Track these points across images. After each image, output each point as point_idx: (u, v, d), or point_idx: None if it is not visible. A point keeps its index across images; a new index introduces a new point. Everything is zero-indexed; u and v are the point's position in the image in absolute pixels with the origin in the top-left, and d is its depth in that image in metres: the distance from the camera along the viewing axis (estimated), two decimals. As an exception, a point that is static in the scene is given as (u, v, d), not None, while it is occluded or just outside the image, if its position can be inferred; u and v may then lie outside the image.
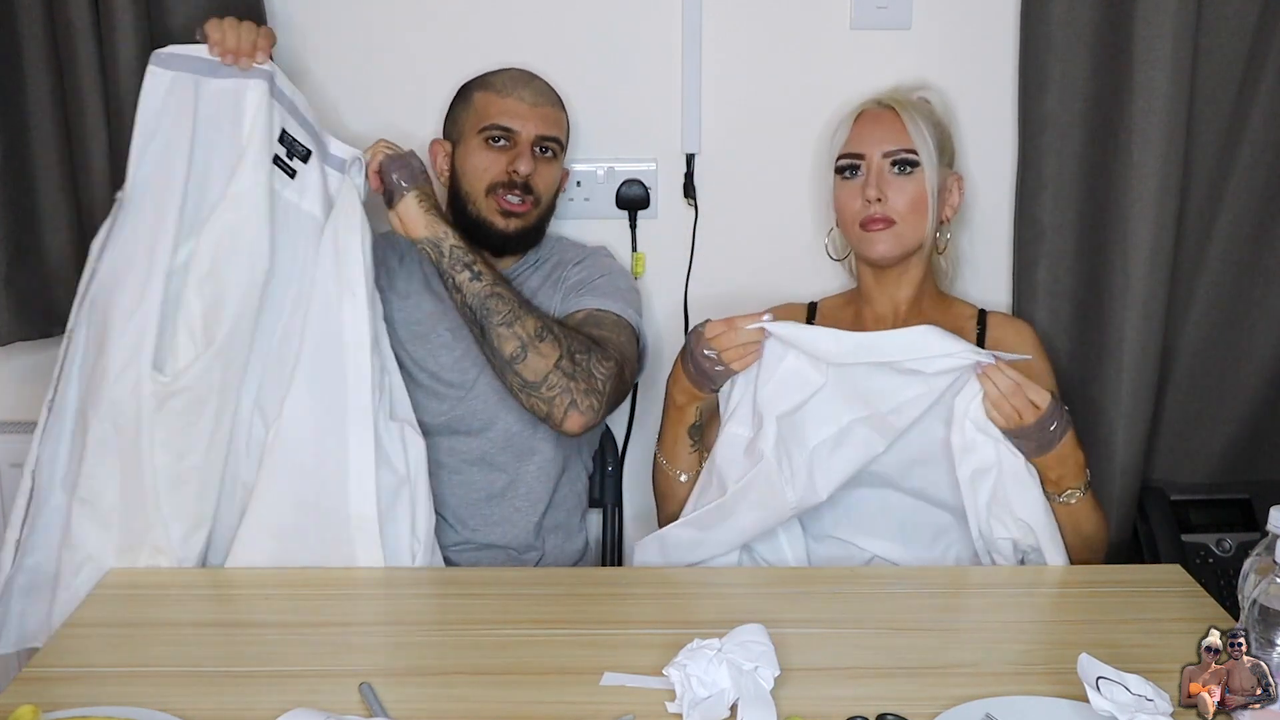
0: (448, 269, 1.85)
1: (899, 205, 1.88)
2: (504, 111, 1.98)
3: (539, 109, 2.00)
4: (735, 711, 1.30)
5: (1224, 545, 2.11)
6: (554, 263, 2.07)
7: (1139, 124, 1.97)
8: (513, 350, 1.83)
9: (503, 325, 1.83)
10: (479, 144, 1.97)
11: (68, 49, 1.98)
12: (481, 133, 1.97)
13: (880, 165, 1.89)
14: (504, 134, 1.97)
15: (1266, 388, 2.15)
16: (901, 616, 1.58)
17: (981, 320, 1.96)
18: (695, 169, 2.21)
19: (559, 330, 1.86)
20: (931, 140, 1.90)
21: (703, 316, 2.23)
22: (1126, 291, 2.02)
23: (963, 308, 2.00)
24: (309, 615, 1.60)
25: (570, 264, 2.05)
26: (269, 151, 1.75)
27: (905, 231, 1.89)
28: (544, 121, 2.00)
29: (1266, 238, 2.10)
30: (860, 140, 1.92)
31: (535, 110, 1.99)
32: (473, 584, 1.72)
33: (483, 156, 1.97)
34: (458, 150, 2.01)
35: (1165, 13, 1.93)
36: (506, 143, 1.97)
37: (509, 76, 2.02)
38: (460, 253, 1.84)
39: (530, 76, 2.04)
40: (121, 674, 1.43)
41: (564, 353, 1.84)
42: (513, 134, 1.97)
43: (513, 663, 1.46)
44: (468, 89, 2.04)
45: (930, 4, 2.15)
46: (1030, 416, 1.64)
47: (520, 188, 1.96)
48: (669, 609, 1.63)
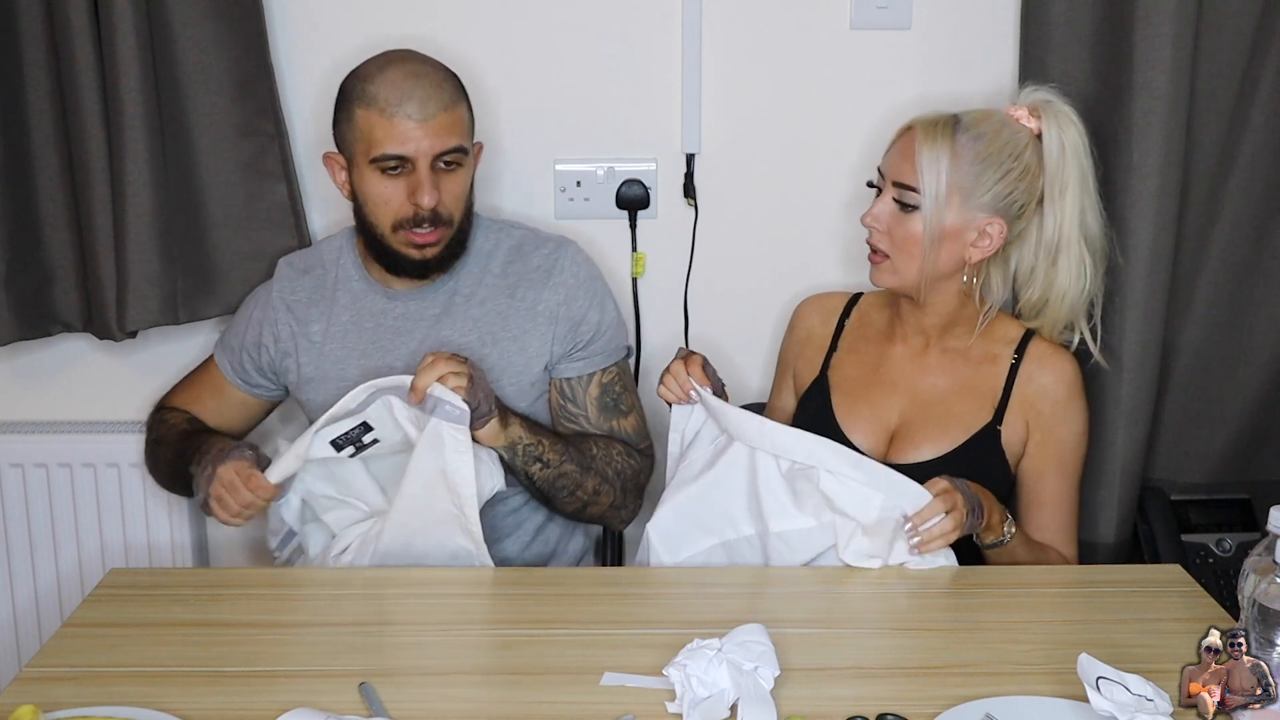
0: (521, 467, 1.84)
1: (893, 238, 1.81)
2: (392, 137, 1.80)
3: (429, 123, 1.80)
4: (735, 711, 1.30)
5: (1224, 545, 2.11)
6: (504, 258, 1.97)
7: (1139, 124, 1.97)
8: (574, 508, 1.93)
9: (566, 495, 1.89)
10: (373, 173, 1.83)
11: (67, 50, 1.98)
12: (374, 162, 1.81)
13: (889, 193, 1.82)
14: (398, 162, 1.81)
15: (1266, 388, 2.15)
16: (901, 616, 1.58)
17: (1021, 348, 1.87)
18: (695, 169, 2.21)
19: (613, 474, 1.92)
20: (948, 179, 1.76)
21: (703, 316, 2.26)
22: (1126, 291, 2.02)
23: (1006, 329, 1.89)
24: (309, 615, 1.60)
25: (539, 266, 1.95)
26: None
27: (900, 268, 1.82)
28: (439, 135, 1.81)
29: (1266, 238, 2.10)
30: (886, 156, 1.84)
31: (426, 127, 1.80)
32: (473, 584, 1.71)
33: (380, 187, 1.83)
34: (352, 170, 1.87)
35: (1165, 13, 1.93)
36: (403, 170, 1.82)
37: (390, 86, 1.80)
38: (531, 448, 1.83)
39: (413, 75, 1.82)
40: (121, 674, 1.43)
41: (618, 492, 1.94)
42: (407, 160, 1.81)
43: (513, 663, 1.46)
44: (348, 100, 1.84)
45: (930, 4, 2.15)
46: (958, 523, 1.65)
47: (428, 219, 1.84)
48: (669, 609, 1.63)
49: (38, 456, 2.21)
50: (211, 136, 2.08)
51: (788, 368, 2.03)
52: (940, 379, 1.89)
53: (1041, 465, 1.85)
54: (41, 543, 2.26)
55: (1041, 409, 1.84)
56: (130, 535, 2.24)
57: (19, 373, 2.26)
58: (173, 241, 2.08)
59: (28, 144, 2.06)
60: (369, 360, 1.93)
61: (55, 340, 2.22)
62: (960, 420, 1.85)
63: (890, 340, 1.94)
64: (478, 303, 1.94)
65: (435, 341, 1.92)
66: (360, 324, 1.95)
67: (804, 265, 2.22)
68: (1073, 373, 1.87)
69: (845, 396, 1.91)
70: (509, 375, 1.91)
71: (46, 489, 2.23)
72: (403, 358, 1.92)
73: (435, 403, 1.70)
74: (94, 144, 2.01)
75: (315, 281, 1.99)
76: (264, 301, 2.01)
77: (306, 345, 1.96)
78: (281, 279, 2.01)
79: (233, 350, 2.02)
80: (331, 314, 1.96)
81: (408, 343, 1.93)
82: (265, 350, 1.99)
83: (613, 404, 1.98)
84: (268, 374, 2.01)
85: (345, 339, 1.95)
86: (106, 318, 2.09)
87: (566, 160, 2.20)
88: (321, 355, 1.95)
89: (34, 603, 2.28)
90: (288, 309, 1.98)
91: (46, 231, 2.11)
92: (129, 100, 1.98)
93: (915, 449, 1.85)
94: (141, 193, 2.01)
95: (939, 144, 1.77)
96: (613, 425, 1.98)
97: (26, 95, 2.05)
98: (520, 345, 1.92)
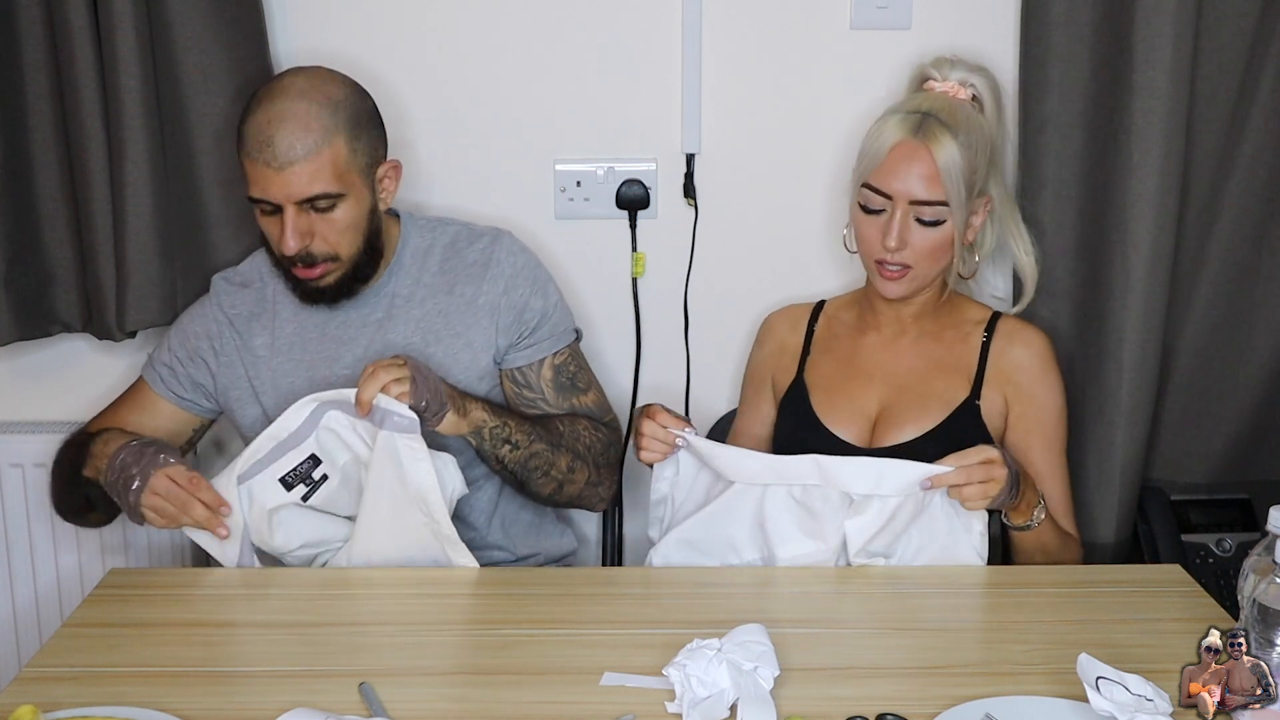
0: (490, 451, 1.82)
1: (919, 251, 1.81)
2: (256, 180, 1.77)
3: (286, 172, 1.75)
4: (735, 711, 1.30)
5: (1224, 545, 2.11)
6: (440, 256, 1.95)
7: (1139, 124, 1.96)
8: (550, 490, 1.90)
9: (540, 476, 1.87)
10: (257, 211, 1.82)
11: (67, 50, 1.98)
12: (253, 203, 1.81)
13: (906, 211, 1.80)
14: (268, 204, 1.79)
15: (1266, 388, 2.15)
16: (901, 616, 1.58)
17: (991, 326, 1.92)
18: (695, 169, 2.21)
19: (583, 449, 1.90)
20: (964, 180, 1.79)
21: (703, 316, 2.26)
22: (1126, 291, 2.02)
23: (972, 311, 1.95)
24: (309, 615, 1.60)
25: (475, 261, 1.93)
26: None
27: (920, 274, 1.84)
28: (299, 182, 1.75)
29: (1266, 238, 2.10)
30: (890, 177, 1.80)
31: (283, 176, 1.75)
32: (473, 584, 1.71)
33: (263, 223, 1.82)
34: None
35: (1165, 13, 1.93)
36: (276, 210, 1.79)
37: (255, 128, 1.76)
38: (497, 430, 1.81)
39: (278, 117, 1.76)
40: (121, 674, 1.43)
41: (591, 467, 1.91)
42: (274, 204, 1.78)
43: (513, 663, 1.46)
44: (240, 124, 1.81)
45: (930, 4, 2.14)
46: (1001, 476, 1.64)
47: (303, 261, 1.81)
48: (669, 609, 1.63)
49: (38, 456, 2.21)
50: (211, 136, 2.08)
51: (762, 382, 2.02)
52: (915, 360, 1.91)
53: (1027, 439, 1.87)
54: (41, 543, 2.25)
55: (1019, 382, 1.87)
56: (130, 535, 2.24)
57: (19, 373, 2.26)
58: (173, 241, 2.07)
59: (28, 144, 2.06)
60: (316, 371, 1.91)
61: (55, 340, 2.22)
62: (940, 397, 1.87)
63: (862, 332, 1.96)
64: (417, 303, 1.93)
65: (381, 344, 1.90)
66: (305, 335, 1.93)
67: (804, 265, 2.22)
68: (1044, 344, 1.90)
69: (824, 393, 1.93)
70: (456, 371, 1.90)
71: (46, 489, 2.23)
72: (349, 365, 1.90)
73: (383, 414, 1.68)
74: (94, 144, 2.01)
75: (255, 295, 1.97)
76: (203, 315, 1.97)
77: (252, 359, 1.93)
78: (220, 293, 1.98)
79: (165, 365, 1.97)
80: (274, 327, 1.94)
81: (353, 350, 1.91)
82: (204, 364, 1.95)
83: (569, 382, 1.97)
84: (203, 388, 1.96)
85: (291, 351, 1.93)
86: (106, 318, 2.09)
87: (566, 160, 2.19)
88: (269, 368, 1.92)
89: (34, 603, 2.28)
90: (229, 322, 1.96)
91: (46, 231, 2.11)
92: (129, 100, 1.98)
93: (898, 430, 1.86)
94: (141, 193, 2.01)
95: (950, 137, 1.79)
96: (574, 403, 1.97)
97: (26, 95, 2.05)
98: (465, 340, 1.91)
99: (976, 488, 1.63)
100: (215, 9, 2.03)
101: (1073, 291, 2.12)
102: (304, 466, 1.74)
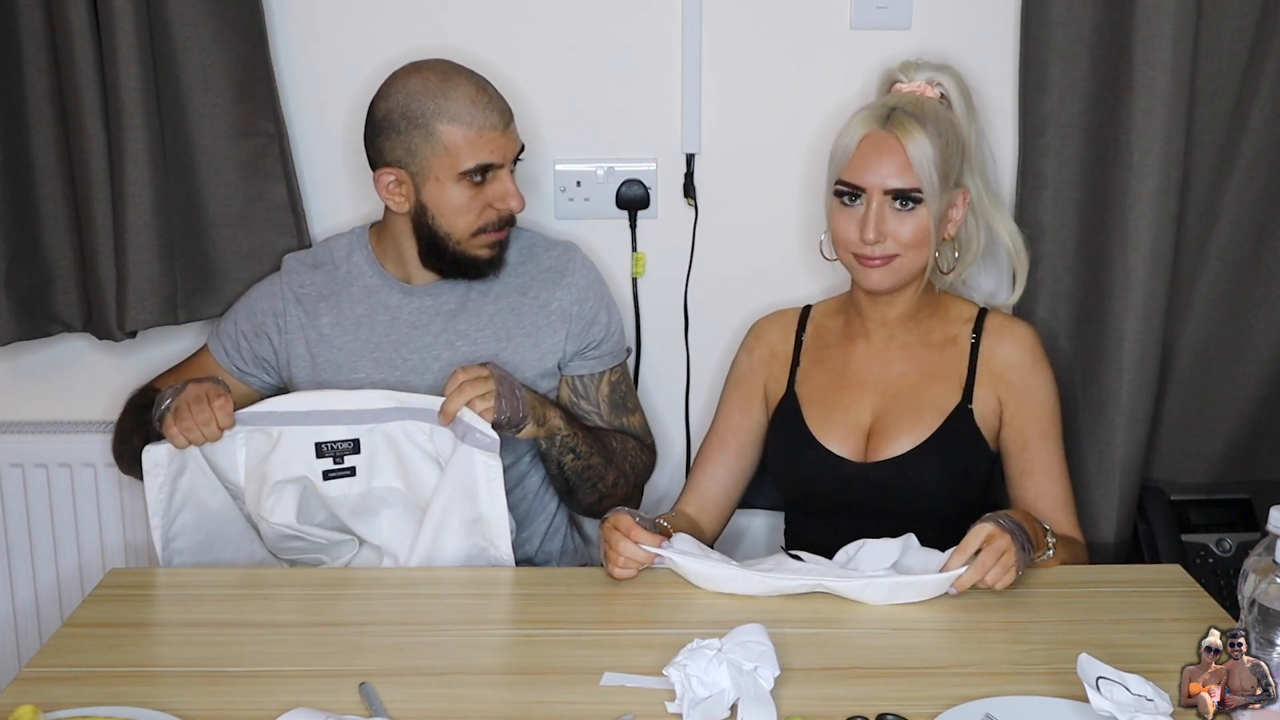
0: (555, 455, 1.89)
1: (899, 240, 1.81)
2: (484, 148, 1.86)
3: (509, 130, 1.90)
4: (735, 711, 1.30)
5: (1224, 545, 2.11)
6: (515, 258, 2.00)
7: (1139, 124, 1.97)
8: (592, 500, 1.97)
9: (589, 487, 1.94)
10: (459, 185, 1.87)
11: (67, 50, 1.98)
12: (463, 175, 1.86)
13: (881, 201, 1.80)
14: (487, 169, 1.88)
15: (1266, 388, 2.15)
16: (901, 616, 1.58)
17: (979, 325, 1.91)
18: (695, 169, 2.21)
19: (629, 468, 2.00)
20: (937, 169, 1.79)
21: (703, 316, 2.26)
22: (1126, 291, 2.02)
23: (960, 309, 1.94)
24: (309, 615, 1.60)
25: (550, 267, 2.00)
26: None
27: (904, 265, 1.83)
28: (515, 139, 1.92)
29: (1266, 238, 2.10)
30: (862, 170, 1.80)
31: (507, 135, 1.89)
32: (473, 584, 1.71)
33: (464, 198, 1.88)
34: (423, 185, 1.88)
35: (1165, 13, 1.93)
36: (484, 178, 1.88)
37: (469, 101, 1.86)
38: (568, 439, 1.88)
39: (479, 87, 1.89)
40: (121, 674, 1.43)
41: (630, 486, 2.01)
42: (494, 168, 1.88)
43: (513, 663, 1.46)
44: (422, 119, 1.85)
45: (930, 4, 2.15)
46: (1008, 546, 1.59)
47: (508, 220, 1.93)
48: (669, 609, 1.63)
49: (38, 456, 2.21)
50: (211, 136, 2.08)
51: (753, 387, 1.98)
52: (907, 367, 1.90)
53: (1024, 434, 1.86)
54: (41, 543, 2.26)
55: (1010, 379, 1.86)
56: (130, 535, 2.25)
57: (19, 373, 2.26)
58: (173, 241, 2.08)
59: (28, 144, 2.06)
60: (382, 353, 1.95)
61: (55, 340, 2.22)
62: (932, 405, 1.86)
63: (851, 340, 1.94)
64: (492, 299, 1.97)
65: (451, 333, 1.95)
66: (374, 318, 1.97)
67: (803, 265, 2.22)
68: (1032, 338, 1.90)
69: (816, 407, 1.91)
70: (523, 370, 1.95)
71: (46, 489, 2.24)
72: (418, 350, 1.95)
73: (465, 429, 1.71)
74: (94, 144, 2.01)
75: (325, 276, 2.01)
76: (271, 292, 2.02)
77: (316, 337, 1.97)
78: (290, 272, 2.03)
79: (229, 337, 2.02)
80: (343, 308, 1.98)
81: (423, 335, 1.96)
82: (267, 339, 2.00)
83: (621, 401, 2.03)
84: (265, 364, 2.01)
85: (358, 331, 1.96)
86: (106, 318, 2.09)
87: (566, 160, 2.20)
88: (333, 347, 1.96)
89: (34, 603, 2.28)
90: (297, 300, 1.99)
91: (46, 232, 2.11)
92: (129, 100, 1.98)
93: (893, 442, 1.85)
94: (141, 193, 2.01)
95: (918, 127, 1.79)
96: (623, 422, 2.04)
97: (26, 96, 2.05)
98: (534, 341, 1.96)
99: (995, 572, 1.59)
100: (215, 9, 2.03)
101: (1073, 291, 2.12)
102: (343, 445, 1.76)
